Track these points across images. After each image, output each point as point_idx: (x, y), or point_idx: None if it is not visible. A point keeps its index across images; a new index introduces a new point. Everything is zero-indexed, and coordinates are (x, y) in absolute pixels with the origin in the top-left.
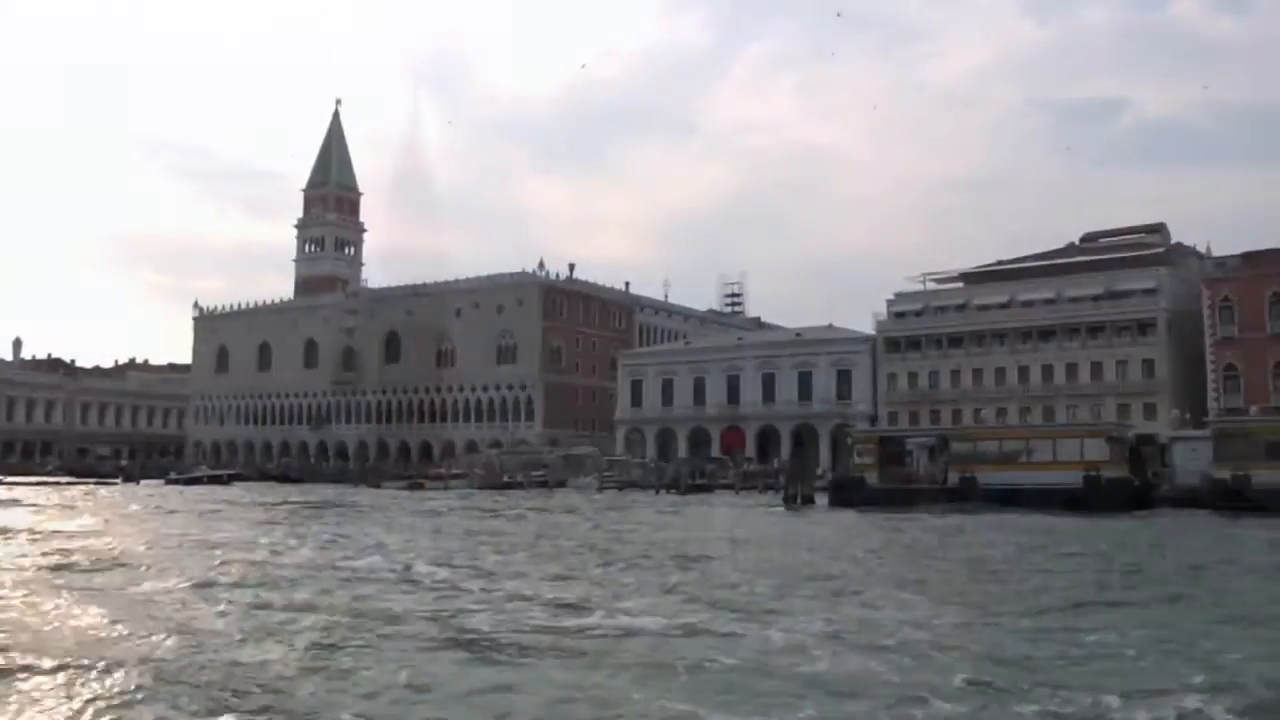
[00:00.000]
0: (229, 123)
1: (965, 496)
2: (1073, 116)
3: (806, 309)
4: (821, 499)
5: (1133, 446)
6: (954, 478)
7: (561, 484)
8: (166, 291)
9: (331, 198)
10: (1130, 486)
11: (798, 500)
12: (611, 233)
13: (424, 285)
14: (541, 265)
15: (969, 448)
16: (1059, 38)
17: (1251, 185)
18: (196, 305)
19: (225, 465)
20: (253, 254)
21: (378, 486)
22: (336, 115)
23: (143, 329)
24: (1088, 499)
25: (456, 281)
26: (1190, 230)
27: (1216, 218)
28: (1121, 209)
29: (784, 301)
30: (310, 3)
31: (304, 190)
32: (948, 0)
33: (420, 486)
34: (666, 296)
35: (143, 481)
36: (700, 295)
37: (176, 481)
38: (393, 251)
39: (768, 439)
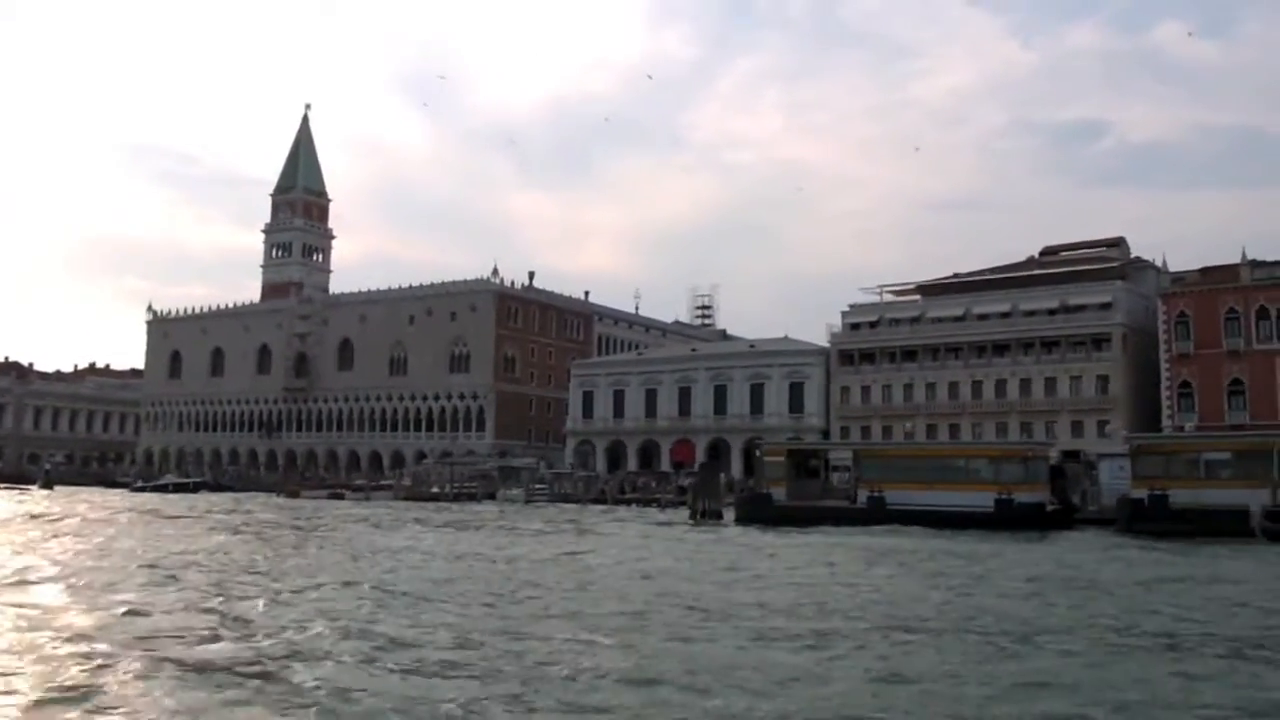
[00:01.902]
0: (213, 129)
1: (873, 516)
2: (1057, 137)
3: (787, 324)
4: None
5: (1055, 466)
6: (863, 496)
7: (491, 496)
8: (147, 298)
9: (299, 202)
10: (1042, 509)
11: (700, 516)
12: (597, 245)
13: (379, 291)
14: (496, 272)
15: (880, 465)
16: (1044, 60)
17: (1232, 206)
18: (150, 309)
19: (176, 473)
20: (234, 260)
21: (296, 496)
22: (306, 119)
23: (120, 335)
24: (998, 521)
25: (411, 288)
26: (1172, 251)
27: (1198, 238)
28: (1105, 229)
29: (767, 316)
30: (298, 11)
31: (271, 195)
32: (935, 20)
33: (340, 497)
34: (637, 308)
35: (84, 488)
36: (680, 308)
37: (144, 489)
38: (376, 260)
39: (718, 452)
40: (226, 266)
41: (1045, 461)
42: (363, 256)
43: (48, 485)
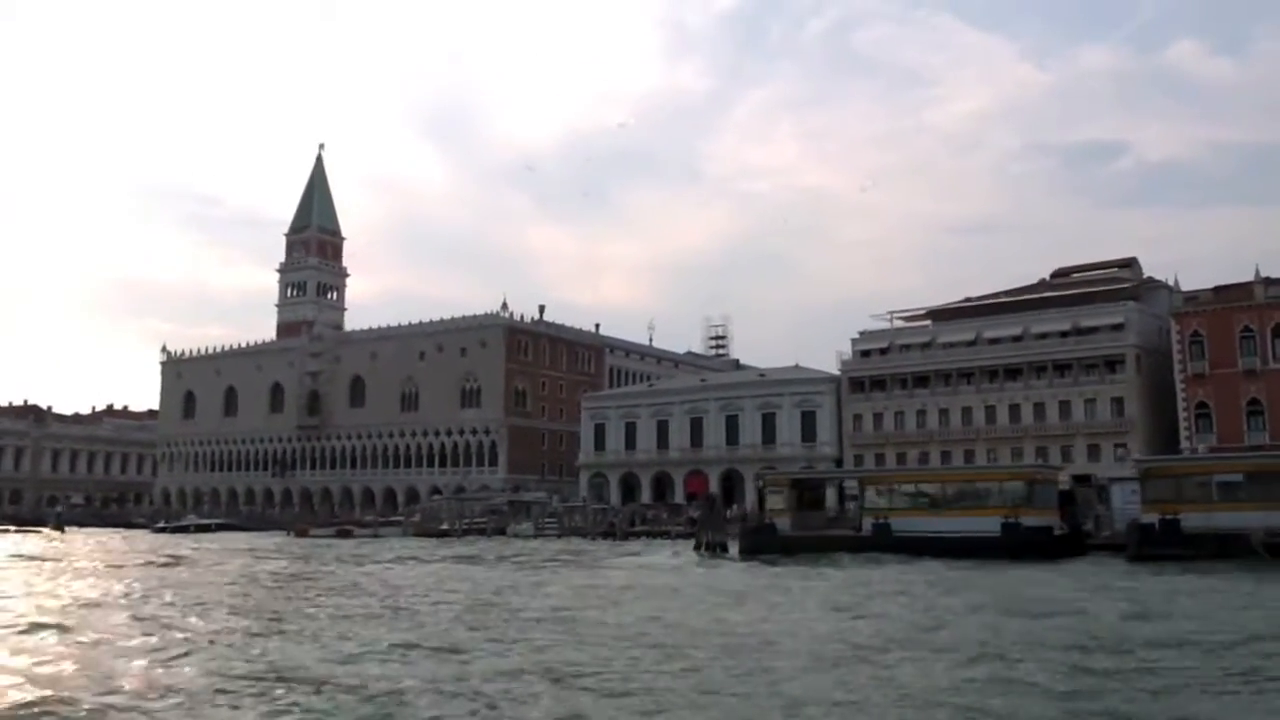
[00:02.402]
0: (235, 171)
1: (878, 544)
2: (1073, 159)
3: (803, 353)
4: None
5: (1065, 491)
6: (868, 524)
7: (501, 531)
8: (169, 339)
9: (313, 241)
10: (1050, 534)
11: (703, 549)
12: (614, 277)
13: (389, 328)
14: (505, 306)
15: (884, 492)
16: (1058, 82)
17: (1246, 223)
18: (164, 349)
19: (195, 513)
20: (255, 301)
21: (305, 535)
22: (319, 159)
23: (140, 377)
24: (1005, 547)
25: (421, 324)
26: (1187, 270)
27: (1212, 257)
28: (1120, 249)
29: (783, 346)
30: (316, 51)
31: (285, 235)
32: (948, 45)
33: (349, 535)
34: (651, 340)
35: (100, 529)
36: (695, 339)
37: (165, 530)
38: (394, 297)
39: (732, 482)
40: (248, 307)
41: (1054, 485)
42: (381, 294)
43: (59, 527)
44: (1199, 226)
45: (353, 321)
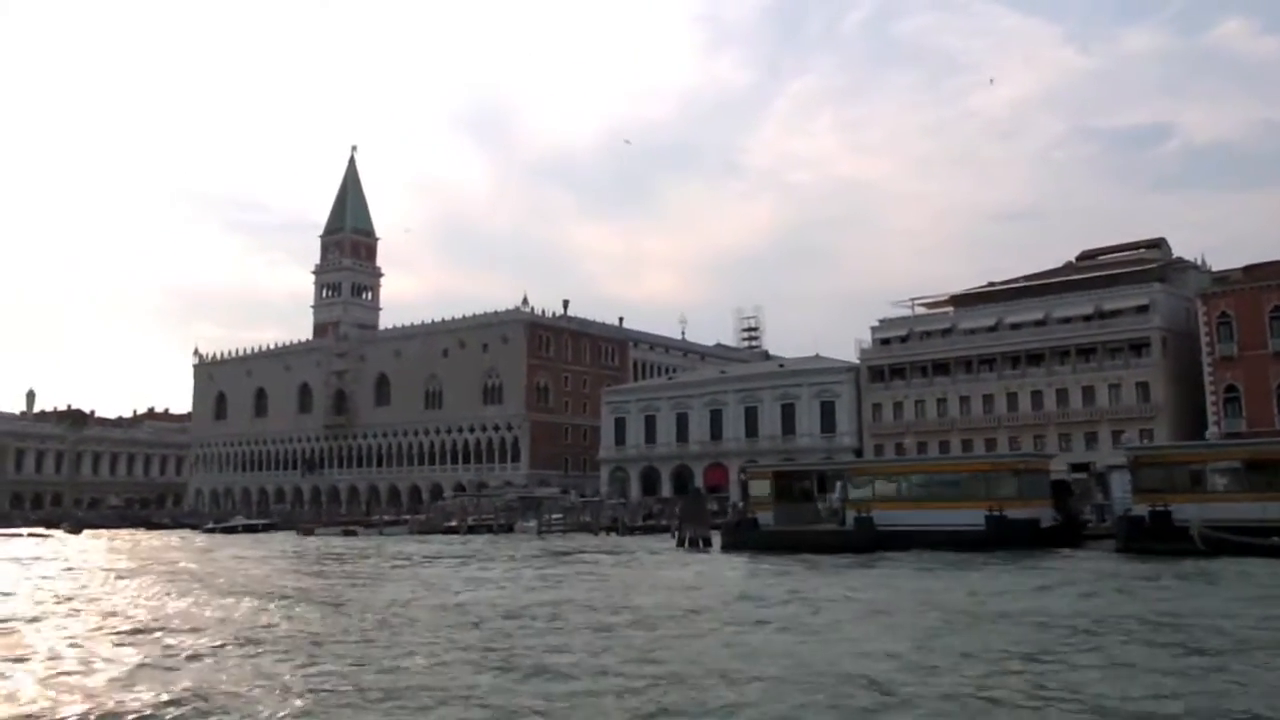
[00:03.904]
0: (281, 176)
1: (860, 539)
2: (1119, 143)
3: (836, 343)
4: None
5: (1059, 481)
6: (850, 517)
7: (509, 528)
8: (220, 343)
9: (347, 243)
10: (1036, 526)
11: (685, 544)
12: (657, 272)
13: (413, 326)
14: (525, 301)
15: (866, 484)
16: (1102, 65)
17: None
18: (196, 352)
19: (227, 513)
20: (301, 304)
21: (310, 534)
22: (352, 161)
23: (184, 380)
24: (989, 540)
25: (444, 321)
26: (1230, 252)
27: (1255, 238)
28: (1164, 233)
29: (823, 337)
30: (357, 53)
31: (320, 237)
32: (989, 31)
33: (353, 534)
34: (683, 333)
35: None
36: (731, 331)
37: (215, 531)
38: (438, 297)
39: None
40: (297, 310)
41: (1045, 475)
42: (426, 294)
43: (75, 530)
44: (1246, 208)
45: (390, 321)
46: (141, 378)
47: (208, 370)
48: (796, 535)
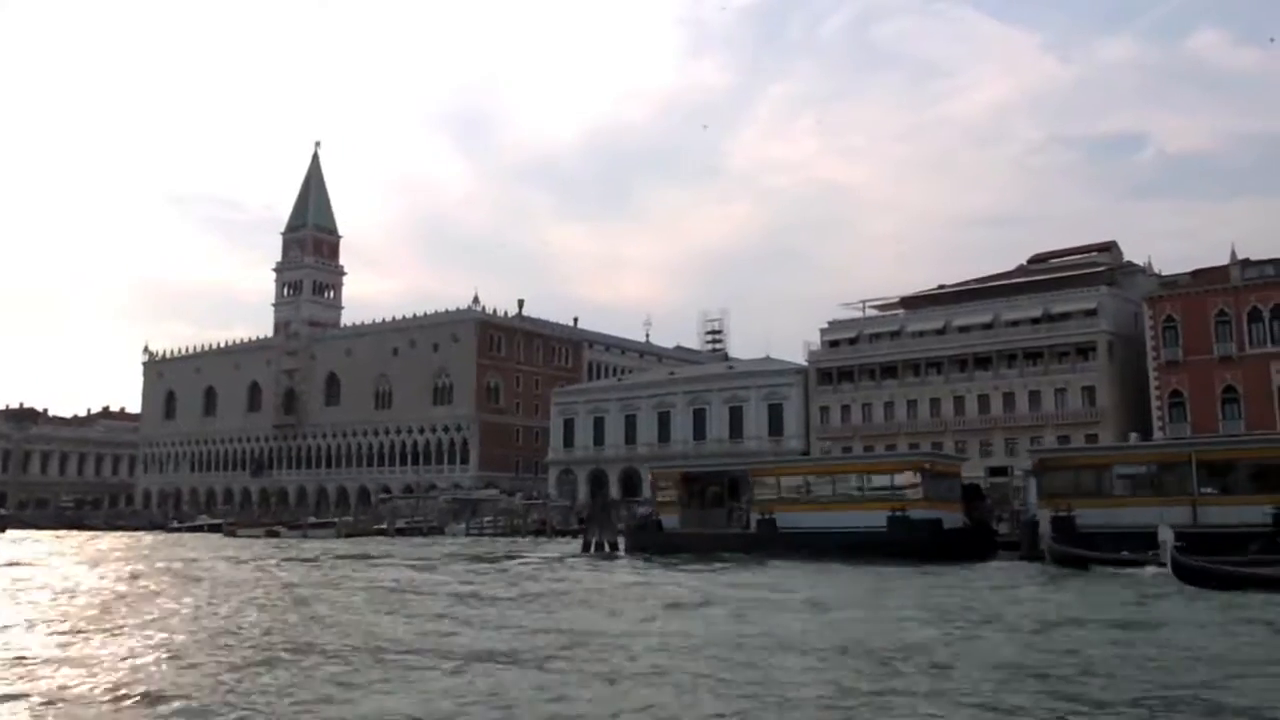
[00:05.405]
0: (258, 174)
1: (762, 541)
2: (1095, 151)
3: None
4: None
5: (970, 485)
6: (754, 520)
7: (440, 530)
8: (189, 341)
9: (309, 240)
10: (939, 527)
11: (592, 548)
12: (634, 275)
13: (364, 325)
14: (476, 300)
15: (771, 485)
16: (1081, 73)
17: (1272, 214)
18: (146, 350)
19: (185, 514)
20: (270, 301)
21: (234, 535)
22: (315, 157)
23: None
24: (890, 543)
25: (394, 320)
26: (1207, 262)
27: (1236, 247)
28: (1141, 240)
29: (794, 340)
30: (332, 50)
31: (282, 234)
32: (969, 37)
33: (276, 535)
34: (647, 336)
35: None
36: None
37: (178, 529)
38: (413, 297)
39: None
40: (266, 308)
41: (956, 478)
42: (400, 294)
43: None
44: (1223, 217)
45: (355, 321)
46: (103, 377)
47: (157, 368)
48: (699, 539)
